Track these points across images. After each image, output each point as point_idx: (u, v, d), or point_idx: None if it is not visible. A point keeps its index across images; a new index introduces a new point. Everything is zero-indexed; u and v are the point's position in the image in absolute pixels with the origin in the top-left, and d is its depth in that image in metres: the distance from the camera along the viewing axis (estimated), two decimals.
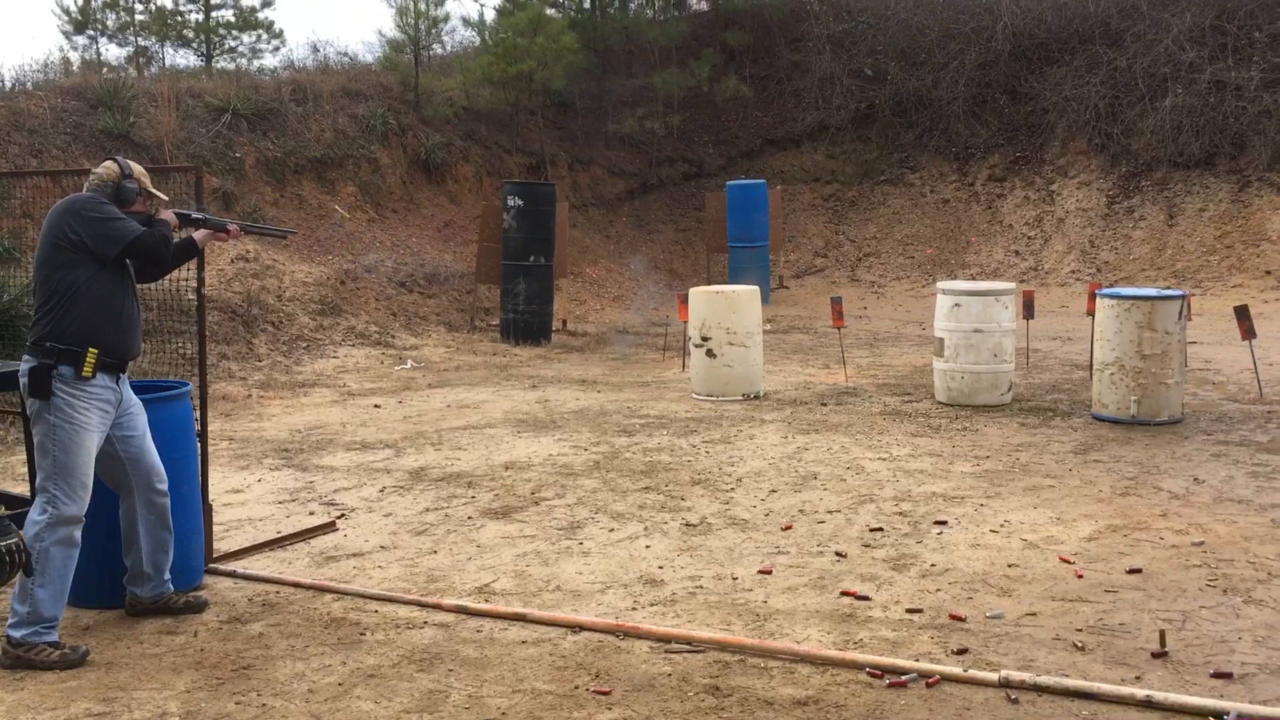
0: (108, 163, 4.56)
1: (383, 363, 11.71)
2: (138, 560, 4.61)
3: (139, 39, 21.38)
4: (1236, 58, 16.88)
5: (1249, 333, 8.91)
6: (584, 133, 19.50)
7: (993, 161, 18.73)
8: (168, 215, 4.64)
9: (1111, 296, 8.19)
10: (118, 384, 4.44)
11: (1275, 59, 16.52)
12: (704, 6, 22.75)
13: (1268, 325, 12.06)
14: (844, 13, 20.72)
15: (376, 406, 9.54)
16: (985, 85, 19.06)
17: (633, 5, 21.34)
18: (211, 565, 5.22)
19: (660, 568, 5.15)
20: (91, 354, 4.29)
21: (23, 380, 4.33)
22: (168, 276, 5.00)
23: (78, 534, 4.30)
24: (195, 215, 4.86)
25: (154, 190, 4.67)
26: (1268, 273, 14.95)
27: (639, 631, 4.34)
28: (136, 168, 4.60)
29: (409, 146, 16.33)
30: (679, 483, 6.68)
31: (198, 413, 5.26)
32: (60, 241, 4.32)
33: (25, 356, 4.37)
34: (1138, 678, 3.85)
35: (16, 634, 4.16)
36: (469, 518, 6.06)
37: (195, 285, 5.33)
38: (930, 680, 3.83)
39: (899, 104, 19.51)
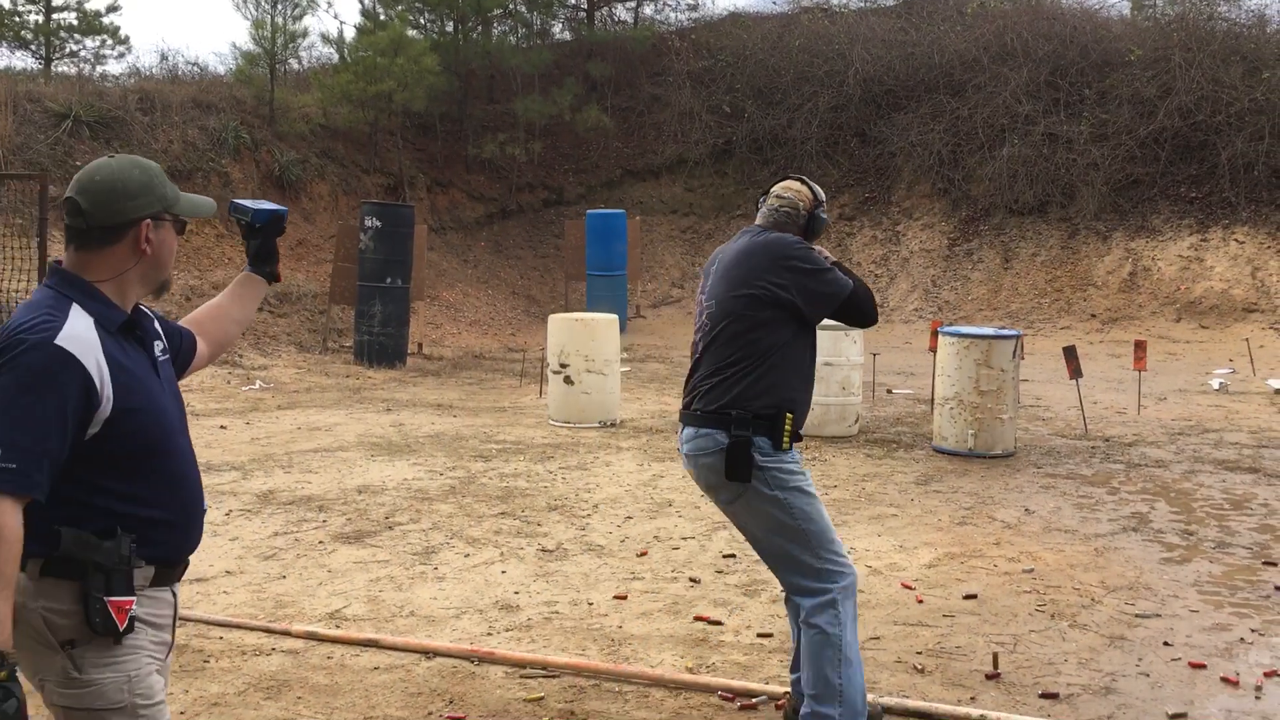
0: (794, 185, 3.80)
1: (229, 383, 11.37)
2: None
3: None
4: (1068, 112, 17.94)
5: (1076, 372, 9.45)
6: (444, 156, 19.38)
7: (843, 201, 19.37)
8: None
9: (952, 335, 8.58)
10: None
11: (1103, 115, 17.62)
12: (567, 36, 22.97)
13: (1093, 365, 12.79)
14: (704, 50, 21.21)
15: (222, 428, 9.26)
16: (837, 127, 19.74)
17: (496, 31, 21.37)
18: None
19: (516, 593, 5.15)
20: (787, 419, 3.60)
21: (705, 460, 3.59)
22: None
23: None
24: None
25: None
26: (1093, 316, 15.87)
27: (494, 657, 4.33)
28: None
29: (262, 162, 15.94)
30: (536, 509, 6.69)
31: None
32: (763, 295, 3.59)
33: (707, 431, 3.58)
34: (973, 698, 4.04)
35: None
36: (320, 542, 5.94)
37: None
38: (779, 703, 3.93)
39: (755, 141, 20.02)
